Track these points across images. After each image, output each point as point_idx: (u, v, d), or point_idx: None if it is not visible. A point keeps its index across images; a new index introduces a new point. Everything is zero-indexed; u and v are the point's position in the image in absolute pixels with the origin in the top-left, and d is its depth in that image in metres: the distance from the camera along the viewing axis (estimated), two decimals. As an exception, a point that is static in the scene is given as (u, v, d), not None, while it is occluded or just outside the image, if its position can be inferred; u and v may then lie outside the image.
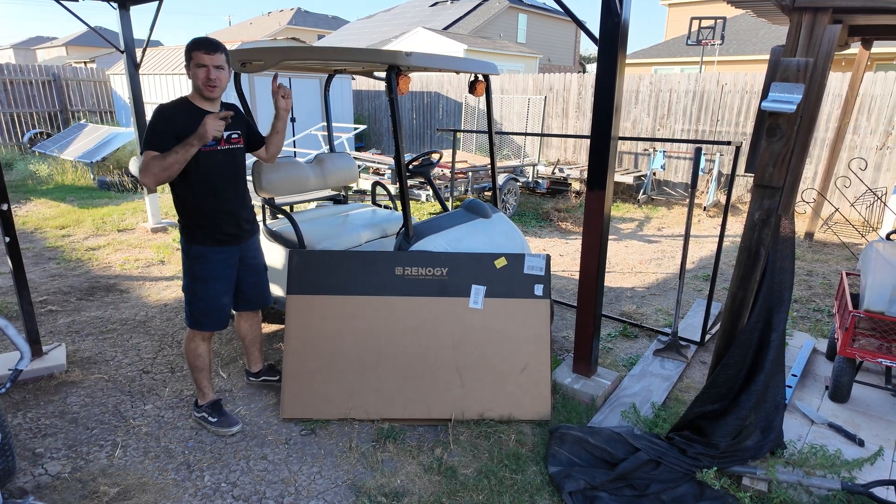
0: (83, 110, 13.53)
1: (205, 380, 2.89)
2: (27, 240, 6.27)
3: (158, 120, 2.45)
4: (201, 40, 2.49)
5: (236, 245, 2.75)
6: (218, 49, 2.48)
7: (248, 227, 2.81)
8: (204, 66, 2.46)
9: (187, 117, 2.48)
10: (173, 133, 2.44)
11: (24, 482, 2.48)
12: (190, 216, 2.62)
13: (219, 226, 2.65)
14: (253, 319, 3.12)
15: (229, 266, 2.73)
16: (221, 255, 2.68)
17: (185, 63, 2.51)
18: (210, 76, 2.47)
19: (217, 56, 2.47)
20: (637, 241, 6.87)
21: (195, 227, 2.62)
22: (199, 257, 2.64)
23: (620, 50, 2.74)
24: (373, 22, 28.05)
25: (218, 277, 2.69)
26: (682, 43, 15.53)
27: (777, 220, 2.33)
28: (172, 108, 2.52)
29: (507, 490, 2.48)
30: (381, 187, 4.57)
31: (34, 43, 37.47)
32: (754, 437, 2.49)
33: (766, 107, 2.09)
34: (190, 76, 2.51)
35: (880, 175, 7.52)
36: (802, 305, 4.76)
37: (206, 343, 2.82)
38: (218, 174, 2.60)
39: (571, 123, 10.44)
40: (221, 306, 2.74)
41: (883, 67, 12.98)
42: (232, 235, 2.71)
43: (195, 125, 2.43)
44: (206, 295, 2.69)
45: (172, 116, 2.47)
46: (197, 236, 2.63)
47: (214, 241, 2.65)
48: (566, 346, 3.87)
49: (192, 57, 2.46)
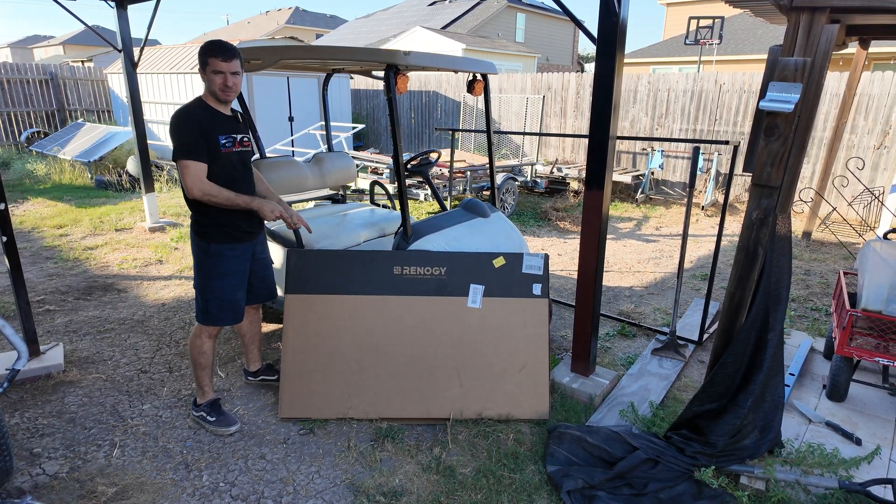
0: (80, 109, 13.49)
1: (206, 378, 2.91)
2: (24, 239, 6.26)
3: (185, 126, 2.52)
4: (217, 46, 2.51)
5: (250, 241, 2.82)
6: (235, 55, 2.54)
7: (259, 224, 2.88)
8: (221, 73, 2.52)
9: (209, 118, 2.58)
10: (203, 137, 2.53)
11: (21, 482, 2.48)
12: (209, 215, 2.66)
13: (236, 223, 2.71)
14: (254, 316, 3.15)
15: (244, 262, 2.81)
16: (238, 252, 2.76)
17: (199, 66, 2.55)
18: (227, 83, 2.54)
19: (234, 63, 2.54)
20: (635, 241, 6.88)
21: (214, 225, 2.67)
22: (218, 255, 2.70)
23: (619, 49, 2.74)
24: (371, 21, 28.03)
25: (235, 273, 2.77)
26: (681, 42, 15.55)
27: (775, 220, 2.33)
28: (192, 111, 2.57)
29: (506, 489, 2.48)
30: (380, 186, 4.56)
31: (31, 42, 37.36)
32: (752, 436, 2.49)
33: (763, 106, 2.10)
34: (204, 79, 2.56)
35: (878, 174, 7.54)
36: (800, 304, 4.77)
37: (211, 340, 2.86)
38: (234, 174, 2.68)
39: (570, 123, 10.45)
40: (237, 300, 2.81)
41: (880, 67, 13.01)
42: (247, 232, 2.78)
43: (216, 125, 2.58)
44: (224, 291, 2.75)
45: (197, 121, 2.54)
46: (216, 235, 2.68)
47: (232, 239, 2.72)
48: (564, 346, 3.88)
49: (208, 62, 2.50)
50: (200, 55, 2.52)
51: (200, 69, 2.55)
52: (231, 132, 2.65)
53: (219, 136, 2.58)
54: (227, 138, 2.62)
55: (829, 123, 7.75)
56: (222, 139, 2.59)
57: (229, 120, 2.67)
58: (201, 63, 2.53)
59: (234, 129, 2.68)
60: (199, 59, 2.53)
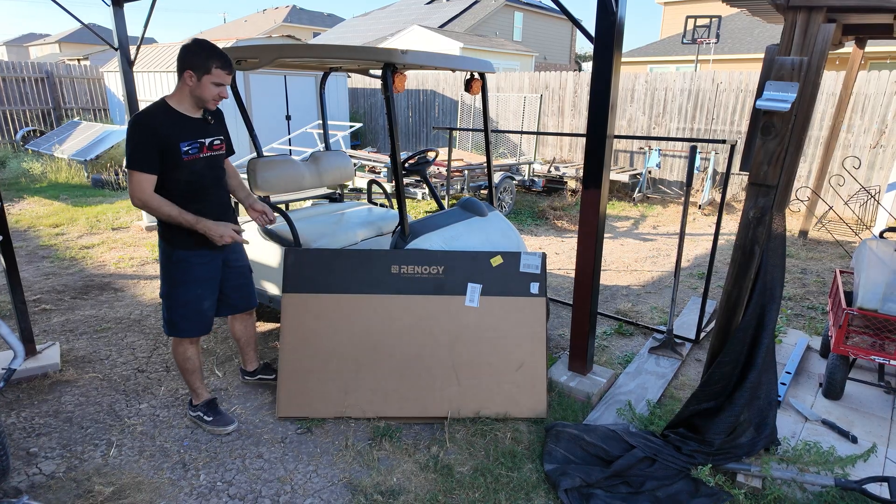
0: (76, 108, 13.43)
1: (197, 381, 2.87)
2: (20, 238, 6.23)
3: (139, 134, 2.36)
4: (223, 56, 2.41)
5: (219, 250, 2.68)
6: (233, 69, 2.49)
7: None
8: (221, 86, 2.44)
9: (171, 124, 2.42)
10: (157, 147, 2.37)
11: (18, 482, 2.47)
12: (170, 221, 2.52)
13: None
14: (247, 321, 3.10)
15: (212, 270, 2.68)
16: (204, 259, 2.62)
17: (187, 66, 2.37)
18: (223, 95, 2.47)
19: (233, 76, 2.49)
20: (632, 240, 6.89)
21: (177, 230, 2.53)
22: (181, 262, 2.58)
23: (616, 48, 2.74)
24: (368, 20, 27.98)
25: (199, 281, 2.63)
26: (678, 41, 15.57)
27: (771, 219, 2.34)
28: (151, 116, 2.40)
29: (503, 488, 2.48)
30: (377, 185, 4.56)
31: (27, 40, 37.19)
32: (748, 435, 2.50)
33: (760, 105, 2.10)
34: (191, 82, 2.40)
35: (874, 173, 7.56)
36: (796, 303, 4.78)
37: (193, 346, 2.78)
38: (200, 181, 2.55)
39: (567, 122, 10.45)
40: (203, 311, 2.68)
41: (877, 66, 13.05)
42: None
43: (179, 131, 2.42)
44: (187, 300, 2.62)
45: (154, 127, 2.37)
46: (179, 240, 2.56)
47: (197, 245, 2.58)
48: (562, 344, 3.88)
49: (209, 70, 2.37)
50: (198, 59, 2.35)
51: (188, 70, 2.36)
52: (198, 137, 2.50)
53: (181, 142, 2.43)
54: (192, 144, 2.47)
55: (825, 122, 7.77)
56: (184, 146, 2.44)
57: (197, 123, 2.52)
58: (197, 67, 2.36)
59: (203, 132, 2.53)
60: (193, 62, 2.35)
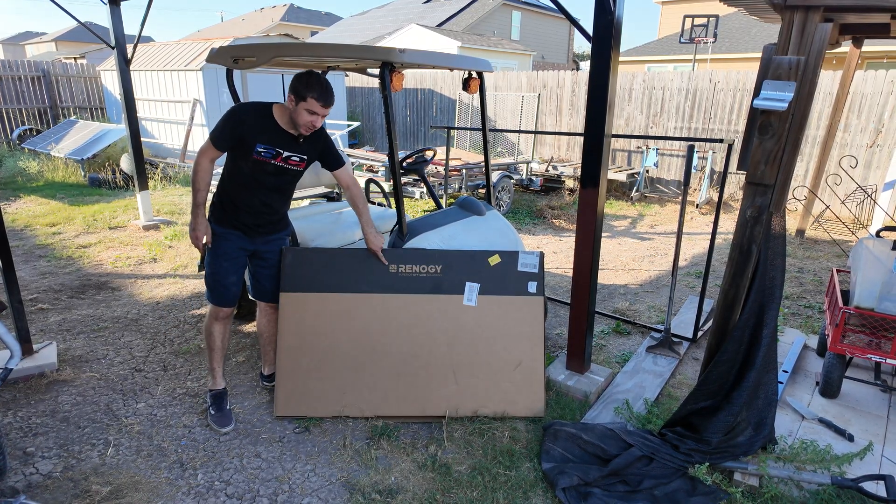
0: (73, 106, 13.38)
1: (215, 363, 2.97)
2: (17, 237, 6.21)
3: (229, 117, 2.62)
4: (322, 87, 2.55)
5: (249, 236, 2.85)
6: (332, 103, 2.61)
7: (269, 227, 2.91)
8: (315, 115, 2.58)
9: (260, 125, 2.63)
10: (235, 134, 2.61)
11: (15, 481, 2.46)
12: (220, 195, 2.80)
13: (237, 214, 2.79)
14: (272, 316, 3.11)
15: (237, 251, 2.85)
16: (232, 237, 2.82)
17: (290, 90, 2.56)
18: (315, 124, 2.62)
19: (329, 109, 2.61)
20: (630, 239, 6.90)
21: (219, 205, 2.80)
22: (217, 236, 2.81)
23: (614, 48, 2.74)
24: (366, 18, 27.95)
25: (226, 256, 2.82)
26: (676, 41, 15.59)
27: (769, 218, 2.34)
28: (246, 112, 2.63)
29: (501, 486, 2.48)
30: (375, 185, 4.56)
31: (23, 38, 37.06)
32: (746, 433, 2.51)
33: (758, 104, 2.11)
34: (291, 105, 2.58)
35: (870, 173, 7.59)
36: (793, 302, 4.80)
37: (220, 324, 2.90)
38: (262, 180, 2.73)
39: (565, 121, 10.46)
40: (227, 284, 2.85)
41: (873, 66, 13.08)
42: (247, 226, 2.83)
43: (261, 133, 2.62)
44: (215, 270, 2.83)
45: (243, 120, 2.60)
46: (217, 214, 2.81)
47: (229, 224, 2.80)
48: (560, 343, 3.89)
49: (305, 99, 2.53)
50: (301, 87, 2.52)
51: (292, 94, 2.55)
52: (277, 146, 2.67)
53: (258, 143, 2.62)
54: (268, 150, 2.65)
55: (822, 122, 7.79)
56: (260, 147, 2.63)
57: (284, 135, 2.68)
58: (297, 93, 2.53)
59: (285, 144, 2.69)
60: (297, 88, 2.53)
